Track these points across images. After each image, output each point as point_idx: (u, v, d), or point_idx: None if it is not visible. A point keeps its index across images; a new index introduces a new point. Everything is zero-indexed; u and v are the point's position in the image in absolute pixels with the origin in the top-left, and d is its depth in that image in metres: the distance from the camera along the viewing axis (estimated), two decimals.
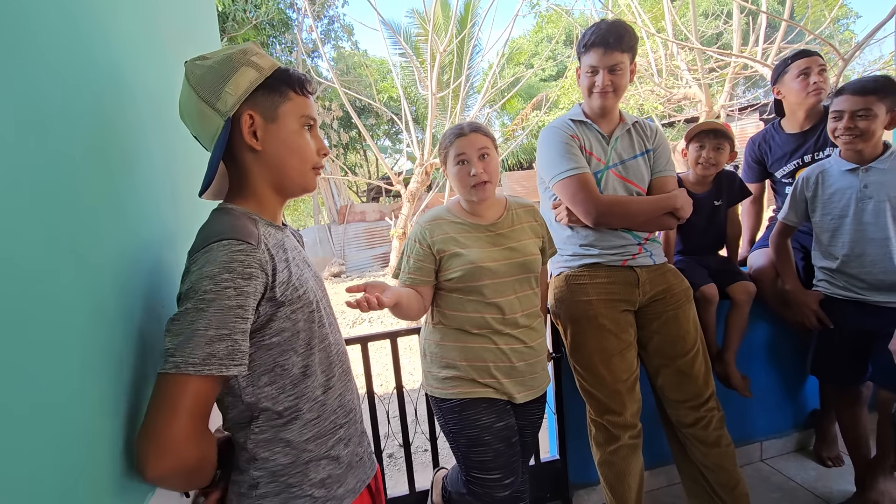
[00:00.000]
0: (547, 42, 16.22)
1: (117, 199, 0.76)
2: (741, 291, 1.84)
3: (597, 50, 1.46)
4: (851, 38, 12.81)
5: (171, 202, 1.04)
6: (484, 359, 1.31)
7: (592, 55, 1.47)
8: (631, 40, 1.47)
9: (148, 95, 0.98)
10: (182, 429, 0.65)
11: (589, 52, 1.48)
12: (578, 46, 1.54)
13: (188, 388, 0.66)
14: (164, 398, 0.66)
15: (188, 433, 0.66)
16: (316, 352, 0.84)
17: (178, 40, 1.31)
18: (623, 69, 1.48)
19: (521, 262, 1.32)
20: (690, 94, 7.93)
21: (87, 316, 0.61)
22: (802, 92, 1.90)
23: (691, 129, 1.88)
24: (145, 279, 0.82)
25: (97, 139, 0.71)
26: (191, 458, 0.67)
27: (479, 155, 1.29)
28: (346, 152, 15.32)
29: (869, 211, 1.59)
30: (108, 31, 0.83)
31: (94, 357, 0.63)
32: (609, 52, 1.45)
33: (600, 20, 1.51)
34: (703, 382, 1.56)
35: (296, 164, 0.84)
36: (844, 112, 1.55)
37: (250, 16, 10.48)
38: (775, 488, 1.94)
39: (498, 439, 1.30)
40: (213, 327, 0.66)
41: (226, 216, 0.77)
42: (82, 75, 0.69)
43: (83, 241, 0.62)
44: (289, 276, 0.79)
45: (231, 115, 0.78)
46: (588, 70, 1.51)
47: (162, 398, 0.66)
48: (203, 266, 0.69)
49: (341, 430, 0.87)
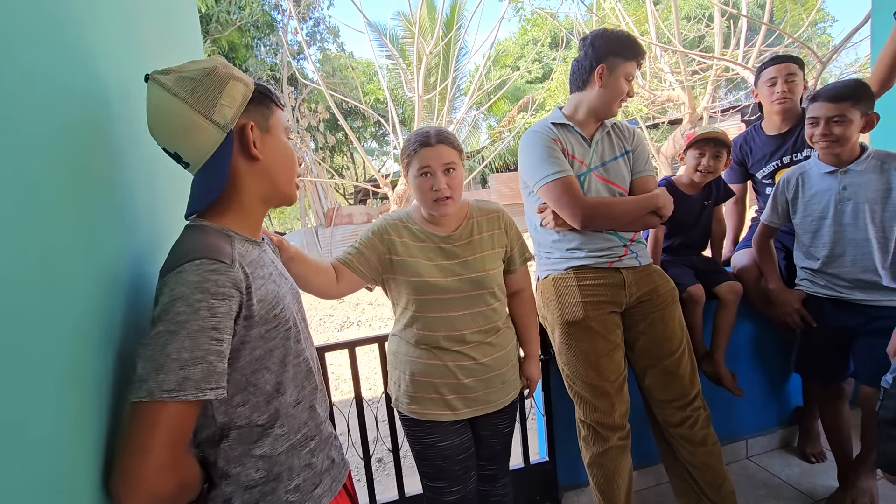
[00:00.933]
0: (532, 45, 16.33)
1: (95, 211, 0.73)
2: (729, 291, 1.86)
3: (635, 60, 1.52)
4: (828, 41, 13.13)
5: (151, 213, 1.01)
6: (429, 374, 1.28)
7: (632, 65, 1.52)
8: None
9: (129, 104, 0.96)
10: (156, 462, 0.62)
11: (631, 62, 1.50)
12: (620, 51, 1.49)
13: (163, 416, 0.62)
14: (137, 429, 0.62)
15: (163, 466, 0.63)
16: (290, 368, 0.82)
17: (160, 45, 1.29)
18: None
19: (474, 278, 1.26)
20: (674, 96, 8.05)
21: (62, 333, 0.58)
22: (768, 100, 1.99)
23: (692, 135, 1.89)
24: (125, 293, 0.79)
25: (73, 148, 0.68)
26: (168, 488, 0.64)
27: (445, 169, 1.20)
28: (333, 154, 15.23)
29: (848, 212, 1.63)
30: (87, 37, 0.81)
31: (70, 376, 0.59)
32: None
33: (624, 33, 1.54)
34: (689, 382, 1.58)
35: (288, 173, 0.86)
36: (820, 118, 1.58)
37: (234, 17, 10.38)
38: (761, 485, 1.97)
39: (442, 457, 1.30)
40: (187, 350, 0.64)
41: (198, 234, 0.75)
42: (59, 83, 0.67)
43: (57, 255, 0.59)
44: (265, 294, 0.77)
45: (232, 127, 0.77)
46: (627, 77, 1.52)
47: (135, 429, 0.62)
48: (175, 287, 0.66)
49: (312, 441, 0.86)
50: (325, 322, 7.00)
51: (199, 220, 0.80)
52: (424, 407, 1.29)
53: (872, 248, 1.60)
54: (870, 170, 1.60)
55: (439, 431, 1.30)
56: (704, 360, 1.88)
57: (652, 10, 7.31)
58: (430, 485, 1.35)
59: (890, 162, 1.58)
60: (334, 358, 1.71)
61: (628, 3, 10.95)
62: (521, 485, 1.88)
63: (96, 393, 0.66)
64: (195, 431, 0.77)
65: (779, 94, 1.93)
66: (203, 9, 9.39)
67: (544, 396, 1.88)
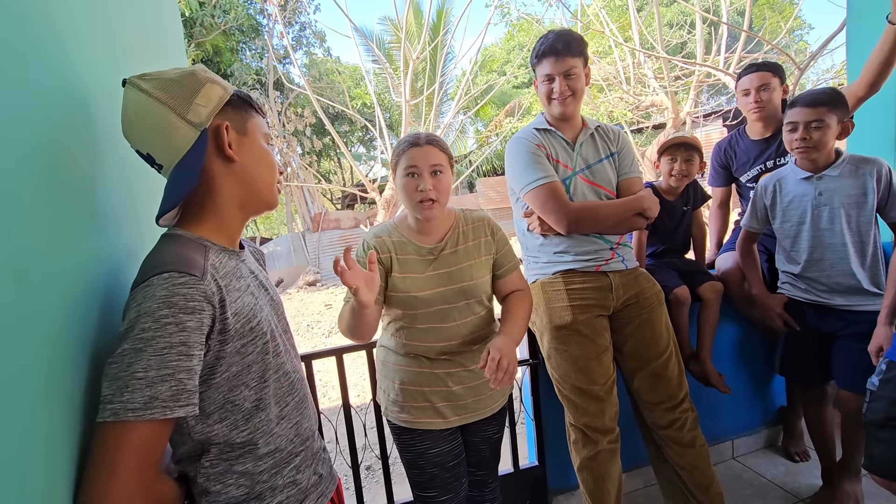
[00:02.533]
0: (519, 50, 16.46)
1: (70, 215, 0.71)
2: (710, 290, 1.90)
3: (548, 58, 1.50)
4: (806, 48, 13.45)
5: (131, 217, 0.99)
6: (418, 383, 1.27)
7: (546, 64, 1.51)
8: (580, 45, 1.51)
9: (108, 110, 0.94)
10: (124, 485, 0.59)
11: (542, 62, 1.53)
12: (532, 59, 1.59)
13: (129, 437, 0.60)
14: (102, 451, 0.60)
15: (132, 489, 0.60)
16: (271, 383, 0.80)
17: (142, 49, 1.27)
18: (577, 73, 1.51)
19: (461, 287, 1.25)
20: (658, 101, 8.17)
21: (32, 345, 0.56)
22: (744, 109, 2.04)
23: (663, 143, 1.94)
24: (99, 304, 0.76)
25: (48, 154, 0.66)
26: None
27: (432, 171, 1.19)
28: (320, 159, 15.16)
29: (825, 217, 1.66)
30: (65, 42, 0.79)
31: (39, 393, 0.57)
32: (560, 58, 1.48)
33: (547, 31, 1.55)
34: (677, 384, 1.60)
35: (268, 178, 0.83)
36: (798, 123, 1.60)
37: (219, 21, 10.29)
38: (747, 485, 1.99)
39: (432, 465, 1.29)
40: (154, 368, 0.61)
41: (172, 245, 0.73)
42: (34, 87, 0.65)
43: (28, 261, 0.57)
44: (241, 306, 0.75)
45: (207, 126, 0.75)
46: (544, 79, 1.54)
47: (100, 451, 0.60)
48: (142, 302, 0.64)
49: (297, 458, 0.84)
50: (313, 328, 6.93)
51: (175, 229, 0.78)
52: (414, 415, 1.28)
53: (849, 253, 1.63)
54: (845, 175, 1.63)
55: (430, 439, 1.29)
56: (691, 359, 1.90)
57: (635, 17, 7.43)
58: (421, 494, 1.34)
59: (864, 166, 1.62)
60: (322, 365, 1.70)
61: (612, 9, 11.12)
62: (511, 490, 1.87)
63: (68, 411, 0.63)
64: (174, 447, 0.75)
65: (752, 104, 1.97)
66: (187, 12, 9.29)
67: (533, 401, 1.88)
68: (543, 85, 1.55)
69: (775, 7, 11.41)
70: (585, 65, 1.54)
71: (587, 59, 1.55)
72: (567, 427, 1.64)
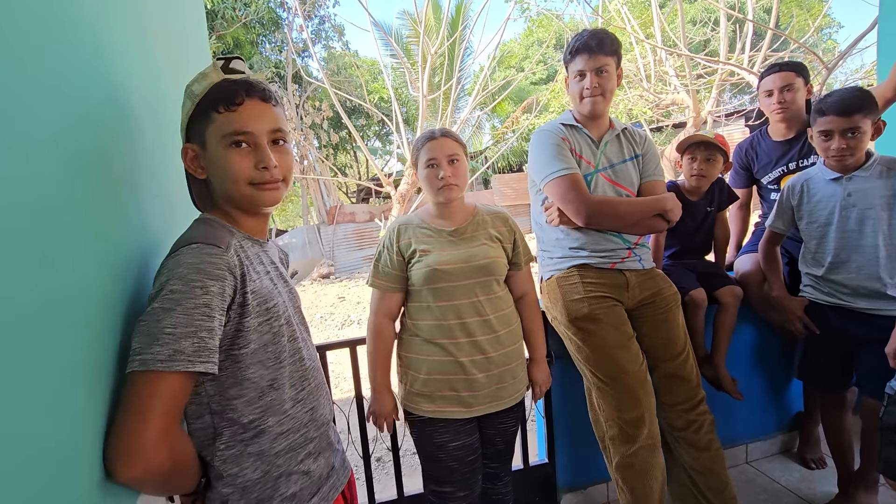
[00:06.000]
0: (537, 46, 16.32)
1: (103, 207, 0.75)
2: (728, 295, 1.86)
3: (582, 55, 1.51)
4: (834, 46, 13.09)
5: (160, 209, 1.03)
6: (444, 371, 1.30)
7: (579, 61, 1.52)
8: (614, 45, 1.52)
9: (139, 97, 0.96)
10: (151, 429, 0.64)
11: (575, 59, 1.53)
12: (565, 56, 1.59)
13: (157, 386, 0.65)
14: (131, 397, 0.65)
15: (157, 433, 0.65)
16: (286, 366, 0.84)
17: (168, 41, 1.29)
18: (609, 71, 1.52)
19: (480, 264, 1.31)
20: (678, 99, 8.04)
21: (71, 325, 0.60)
22: (767, 110, 2.00)
23: (683, 140, 1.90)
24: (131, 287, 0.81)
25: (84, 144, 0.69)
26: (162, 459, 0.65)
27: (449, 159, 1.31)
28: (336, 153, 15.25)
29: (853, 219, 1.62)
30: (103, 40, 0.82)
31: (77, 365, 0.61)
32: (594, 55, 1.49)
33: (583, 29, 1.57)
34: (696, 385, 1.57)
35: (229, 186, 0.81)
36: (834, 132, 1.56)
37: (240, 14, 10.40)
38: (760, 490, 1.97)
39: (452, 458, 1.32)
40: (181, 325, 0.66)
41: (202, 225, 0.80)
42: (71, 78, 0.68)
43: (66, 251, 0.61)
44: (259, 286, 0.79)
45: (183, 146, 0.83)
46: (576, 76, 1.55)
47: (130, 397, 0.65)
48: (172, 268, 0.70)
49: (311, 444, 0.87)
50: (326, 320, 7.00)
51: (205, 214, 0.85)
52: (439, 405, 1.31)
53: (879, 255, 1.58)
54: (875, 176, 1.59)
55: (451, 431, 1.32)
56: (705, 363, 1.87)
57: (658, 14, 7.31)
58: (437, 489, 1.35)
59: (894, 168, 1.57)
60: (335, 356, 1.71)
61: (634, 5, 10.94)
62: (521, 486, 1.87)
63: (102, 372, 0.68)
64: (192, 422, 0.78)
65: (776, 104, 1.93)
66: (209, 5, 9.41)
67: (544, 398, 1.88)
68: (575, 81, 1.56)
69: (803, 4, 11.12)
70: (618, 65, 1.55)
71: (620, 59, 1.56)
72: (602, 424, 1.59)
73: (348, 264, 12.38)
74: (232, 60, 0.81)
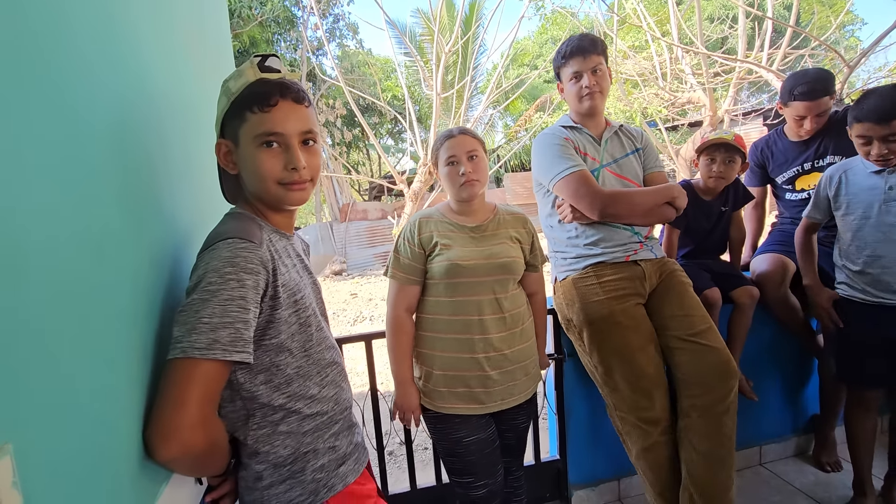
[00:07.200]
0: (552, 44, 16.22)
1: (138, 201, 0.78)
2: (745, 295, 1.84)
3: (577, 57, 1.58)
4: (857, 44, 12.80)
5: (190, 203, 1.06)
6: (458, 368, 1.31)
7: (574, 63, 1.59)
8: (602, 45, 1.61)
9: (165, 95, 0.99)
10: (189, 413, 0.67)
11: (569, 62, 1.60)
12: (557, 61, 1.66)
13: (195, 372, 0.68)
14: (171, 383, 0.68)
15: (195, 417, 0.68)
16: (312, 353, 0.88)
17: (191, 39, 1.32)
18: (603, 70, 1.59)
19: (501, 262, 1.33)
20: (694, 98, 7.93)
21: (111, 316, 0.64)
22: (794, 134, 2.02)
23: (703, 141, 1.88)
24: (165, 279, 0.85)
25: (119, 141, 0.73)
26: (198, 442, 0.69)
27: (469, 156, 1.33)
28: (349, 150, 15.33)
29: (893, 213, 1.58)
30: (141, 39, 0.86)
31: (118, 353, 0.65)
32: (588, 56, 1.57)
33: (569, 36, 1.65)
34: (727, 357, 1.49)
35: (258, 185, 0.84)
36: (873, 138, 1.53)
37: (255, 13, 10.50)
38: (774, 492, 1.95)
39: (469, 451, 1.33)
40: (217, 316, 0.69)
41: (234, 220, 0.82)
42: (107, 77, 0.71)
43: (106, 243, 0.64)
44: (288, 279, 0.83)
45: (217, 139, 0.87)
46: (572, 77, 1.61)
47: (170, 383, 0.68)
48: (209, 262, 0.73)
49: (336, 425, 0.91)
50: (338, 316, 7.06)
51: (236, 208, 0.88)
52: (453, 402, 1.33)
53: None
54: None
55: (467, 427, 1.33)
56: None
57: (674, 11, 7.21)
58: (458, 480, 1.37)
59: None
60: (348, 351, 1.75)
61: (650, 2, 10.81)
62: (532, 482, 1.88)
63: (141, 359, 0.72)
64: (223, 407, 0.82)
65: (805, 131, 1.95)
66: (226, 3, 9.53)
67: (556, 395, 1.89)
68: (571, 84, 1.62)
69: (825, 1, 10.89)
70: (607, 63, 1.63)
71: (608, 58, 1.65)
72: (616, 419, 1.59)
73: (360, 261, 12.46)
74: (268, 58, 0.83)
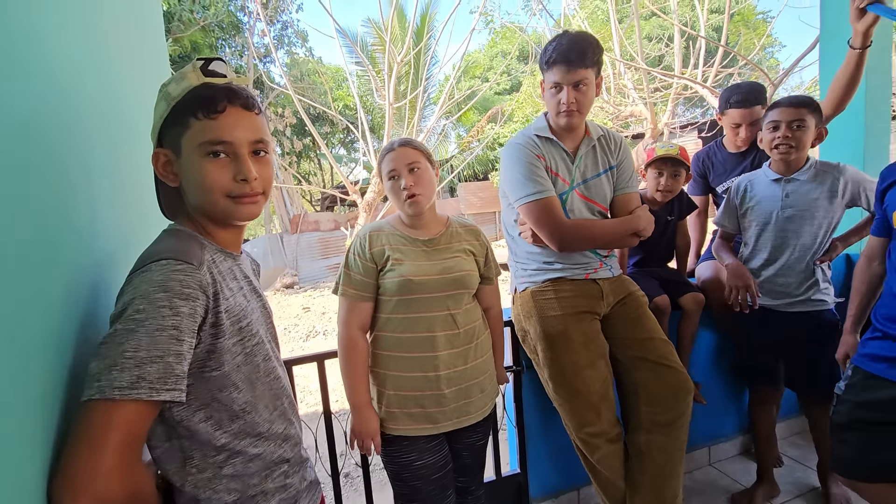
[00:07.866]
0: (502, 57, 16.61)
1: (46, 217, 0.68)
2: (691, 301, 1.92)
3: (560, 67, 1.41)
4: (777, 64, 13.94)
5: (115, 219, 0.96)
6: (411, 388, 1.26)
7: (556, 72, 1.43)
8: (595, 54, 1.42)
9: (87, 99, 0.90)
10: (104, 460, 0.58)
11: (552, 69, 1.44)
12: (541, 62, 1.50)
13: (114, 416, 0.59)
14: (84, 428, 0.58)
15: (111, 470, 0.58)
16: (259, 385, 0.79)
17: (122, 40, 1.23)
18: (588, 84, 1.43)
19: (455, 277, 1.28)
20: (637, 111, 8.34)
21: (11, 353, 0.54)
22: (732, 145, 2.14)
23: (651, 155, 1.93)
24: (82, 306, 0.74)
25: (24, 150, 0.63)
26: (116, 493, 0.59)
27: (409, 168, 1.27)
28: (300, 160, 14.96)
29: (789, 219, 1.72)
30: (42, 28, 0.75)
31: (18, 397, 0.55)
32: (573, 69, 1.40)
33: (563, 32, 1.45)
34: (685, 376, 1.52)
35: (203, 197, 0.75)
36: (781, 122, 1.64)
37: (198, 17, 10.08)
38: (723, 491, 2.03)
39: (416, 477, 1.28)
40: (144, 349, 0.60)
41: (171, 238, 0.73)
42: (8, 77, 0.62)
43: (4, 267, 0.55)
44: (232, 304, 0.74)
45: (154, 149, 0.78)
46: (552, 86, 1.46)
47: (82, 428, 0.59)
48: (138, 286, 0.64)
49: (286, 464, 0.83)
50: (290, 332, 6.81)
51: (175, 224, 0.79)
52: (403, 423, 1.27)
53: (808, 257, 1.70)
54: (810, 179, 1.69)
55: (416, 450, 1.27)
56: None
57: (616, 29, 7.58)
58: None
59: (829, 171, 1.69)
60: (300, 370, 1.65)
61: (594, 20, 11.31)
62: (493, 497, 1.85)
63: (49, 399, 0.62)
64: (155, 446, 0.73)
65: (741, 139, 2.06)
66: (165, 6, 9.07)
67: (516, 408, 1.88)
68: (551, 93, 1.48)
69: (749, 24, 11.80)
70: (598, 74, 1.47)
71: (601, 67, 1.47)
72: (569, 433, 1.62)
73: (312, 274, 12.13)
74: (213, 62, 0.75)
